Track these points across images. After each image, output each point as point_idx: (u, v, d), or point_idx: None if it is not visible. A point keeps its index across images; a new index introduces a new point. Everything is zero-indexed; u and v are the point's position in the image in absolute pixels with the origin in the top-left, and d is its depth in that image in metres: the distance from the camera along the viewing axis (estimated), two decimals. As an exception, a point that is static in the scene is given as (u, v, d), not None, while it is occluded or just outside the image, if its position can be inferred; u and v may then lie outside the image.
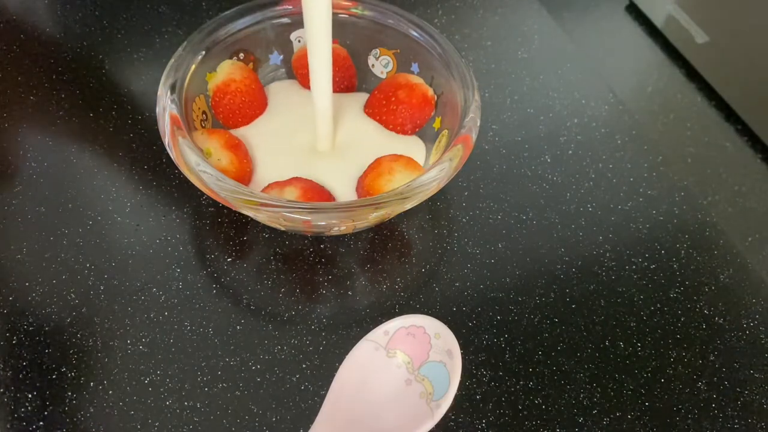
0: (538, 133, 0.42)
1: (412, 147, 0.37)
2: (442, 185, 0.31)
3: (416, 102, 0.36)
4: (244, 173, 0.34)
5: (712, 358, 0.34)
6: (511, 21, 0.48)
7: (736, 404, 0.32)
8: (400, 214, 0.37)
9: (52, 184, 0.37)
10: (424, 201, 0.31)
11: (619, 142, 0.42)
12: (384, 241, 0.36)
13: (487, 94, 0.44)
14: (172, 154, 0.31)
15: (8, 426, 0.29)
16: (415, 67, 0.38)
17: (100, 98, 0.40)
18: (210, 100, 0.36)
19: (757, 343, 0.34)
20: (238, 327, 0.32)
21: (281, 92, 0.39)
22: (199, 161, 0.30)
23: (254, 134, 0.36)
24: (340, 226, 0.32)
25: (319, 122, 0.35)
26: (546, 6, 0.52)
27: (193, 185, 0.30)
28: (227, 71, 0.36)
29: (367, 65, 0.39)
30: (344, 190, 0.35)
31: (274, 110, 0.38)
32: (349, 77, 0.39)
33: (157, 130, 0.32)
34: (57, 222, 0.35)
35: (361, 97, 0.39)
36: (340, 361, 0.30)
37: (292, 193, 0.32)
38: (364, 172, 0.34)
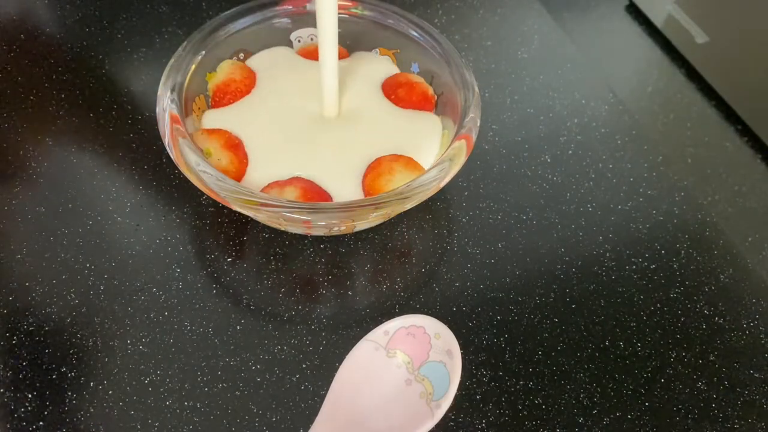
0: (538, 133, 0.42)
1: (427, 122, 0.36)
2: (442, 185, 0.31)
3: (416, 100, 0.36)
4: (244, 173, 0.34)
5: (712, 358, 0.34)
6: (511, 21, 0.48)
7: (736, 404, 0.32)
8: (400, 214, 0.37)
9: (52, 184, 0.37)
10: (424, 201, 0.31)
11: (619, 142, 0.42)
12: (384, 241, 0.36)
13: (487, 94, 0.44)
14: (172, 154, 0.31)
15: (8, 426, 0.29)
16: (415, 67, 0.38)
17: (100, 98, 0.40)
18: (210, 100, 0.36)
19: (757, 343, 0.34)
20: (238, 327, 0.32)
21: (271, 60, 0.37)
22: (199, 161, 0.30)
23: (251, 107, 0.35)
24: (340, 226, 0.32)
25: (324, 83, 0.33)
26: (546, 6, 0.52)
27: (193, 185, 0.30)
28: (227, 71, 0.36)
29: (367, 65, 0.39)
30: (348, 167, 0.34)
31: (265, 82, 0.36)
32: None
33: (157, 130, 0.32)
34: (57, 222, 0.35)
35: (382, 64, 0.38)
36: (340, 361, 0.30)
37: (291, 193, 0.32)
38: (365, 172, 0.34)
